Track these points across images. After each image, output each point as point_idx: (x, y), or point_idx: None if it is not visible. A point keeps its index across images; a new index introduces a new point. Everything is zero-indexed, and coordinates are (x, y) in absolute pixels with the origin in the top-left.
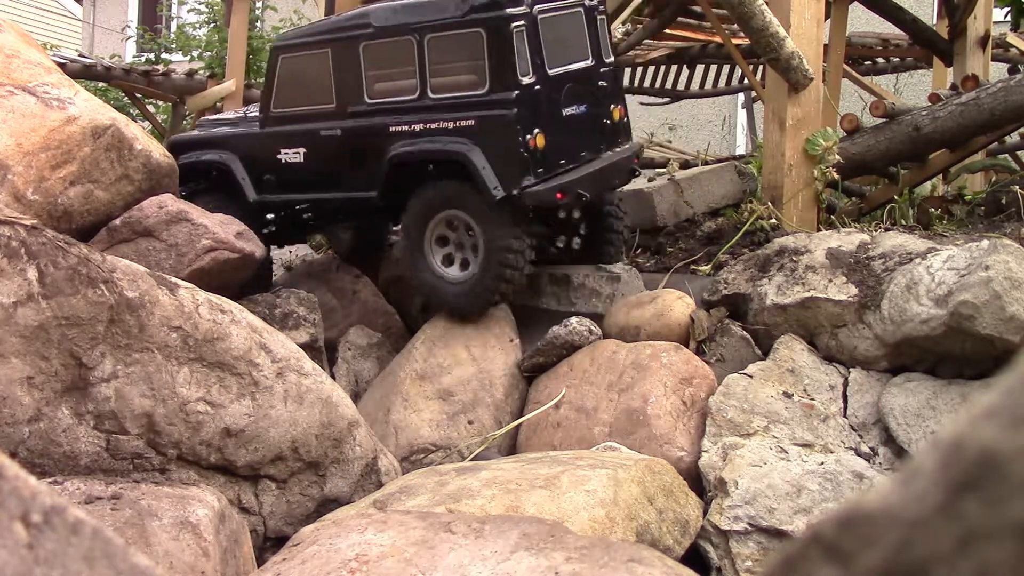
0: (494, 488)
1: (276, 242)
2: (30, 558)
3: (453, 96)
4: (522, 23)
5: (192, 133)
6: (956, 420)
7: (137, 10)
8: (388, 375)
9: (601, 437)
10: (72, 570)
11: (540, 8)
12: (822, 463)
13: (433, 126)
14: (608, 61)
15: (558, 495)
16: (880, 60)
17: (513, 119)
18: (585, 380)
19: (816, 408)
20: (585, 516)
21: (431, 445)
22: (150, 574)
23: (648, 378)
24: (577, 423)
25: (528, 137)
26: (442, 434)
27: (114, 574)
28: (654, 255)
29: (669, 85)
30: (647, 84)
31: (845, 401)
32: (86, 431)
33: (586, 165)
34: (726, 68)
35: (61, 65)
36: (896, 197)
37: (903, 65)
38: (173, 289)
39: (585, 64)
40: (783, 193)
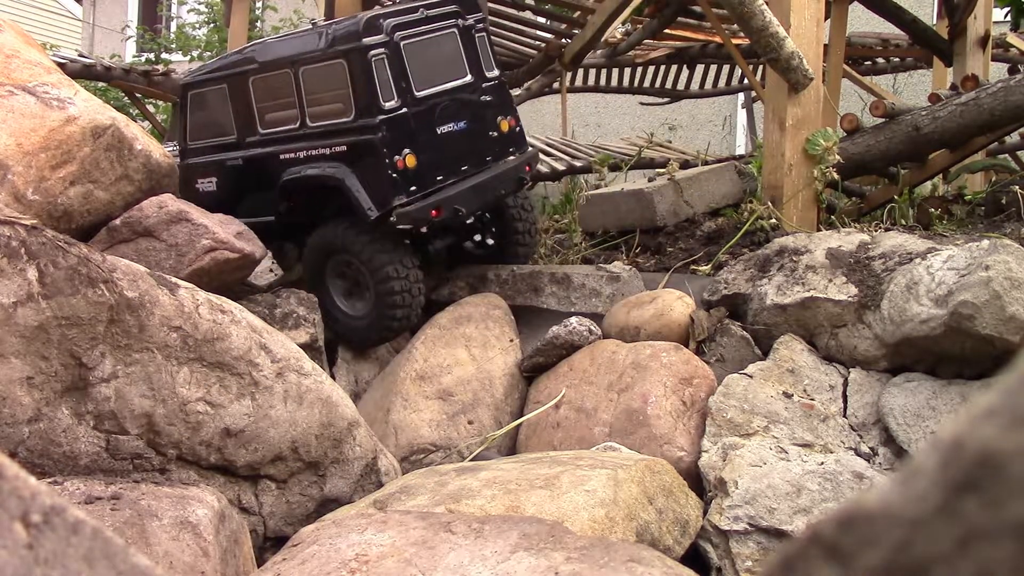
0: (494, 488)
1: None
2: (30, 558)
3: (327, 124)
4: (382, 51)
5: None
6: (956, 420)
7: (137, 10)
8: (388, 375)
9: (601, 437)
10: (72, 570)
11: (403, 35)
12: (822, 463)
13: (314, 153)
14: (491, 75)
15: (558, 495)
16: (880, 60)
17: (379, 143)
18: (585, 380)
19: (816, 408)
20: (585, 516)
21: (431, 445)
22: (150, 574)
23: (648, 378)
24: (577, 423)
25: (397, 158)
26: (442, 434)
27: (114, 574)
28: (654, 255)
29: (669, 85)
30: (647, 84)
31: (845, 401)
32: (86, 431)
33: (468, 179)
34: (726, 68)
35: (61, 65)
36: (896, 197)
37: (903, 65)
38: (173, 289)
39: (462, 81)
40: (783, 193)
